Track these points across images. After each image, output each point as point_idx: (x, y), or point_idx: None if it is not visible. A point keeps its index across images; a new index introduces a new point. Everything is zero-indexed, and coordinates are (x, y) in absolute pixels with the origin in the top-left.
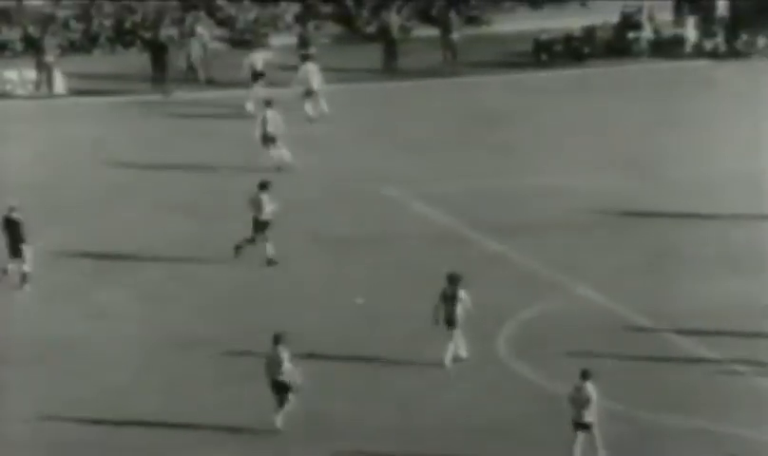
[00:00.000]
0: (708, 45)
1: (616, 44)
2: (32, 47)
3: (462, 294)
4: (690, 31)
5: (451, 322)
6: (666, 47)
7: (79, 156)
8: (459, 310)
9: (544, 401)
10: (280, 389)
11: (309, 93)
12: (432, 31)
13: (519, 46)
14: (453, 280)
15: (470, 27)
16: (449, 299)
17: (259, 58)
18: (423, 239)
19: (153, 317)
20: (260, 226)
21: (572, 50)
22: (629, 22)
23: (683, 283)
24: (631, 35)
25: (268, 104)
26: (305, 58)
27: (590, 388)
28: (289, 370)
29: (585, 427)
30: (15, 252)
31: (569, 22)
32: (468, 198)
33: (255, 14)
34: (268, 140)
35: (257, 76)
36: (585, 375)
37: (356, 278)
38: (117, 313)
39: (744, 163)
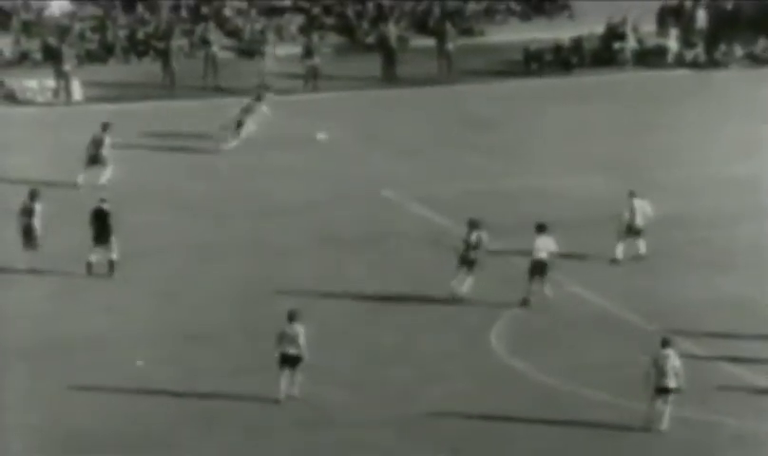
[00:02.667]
0: (689, 55)
1: (602, 54)
2: (51, 57)
3: (483, 236)
4: (672, 42)
5: (469, 263)
6: (650, 57)
7: None
8: (477, 253)
9: (536, 394)
10: (290, 363)
11: None
12: (429, 42)
13: (511, 55)
14: (474, 225)
15: (464, 37)
16: (468, 245)
17: None
18: (419, 239)
19: (162, 312)
20: None
21: (561, 60)
22: (614, 33)
23: (670, 281)
24: (616, 46)
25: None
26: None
27: (673, 355)
28: (303, 346)
29: (666, 391)
30: (102, 241)
31: (558, 33)
32: (463, 199)
33: (261, 25)
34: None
35: None
36: (665, 343)
37: (356, 274)
38: (129, 308)
39: (727, 167)
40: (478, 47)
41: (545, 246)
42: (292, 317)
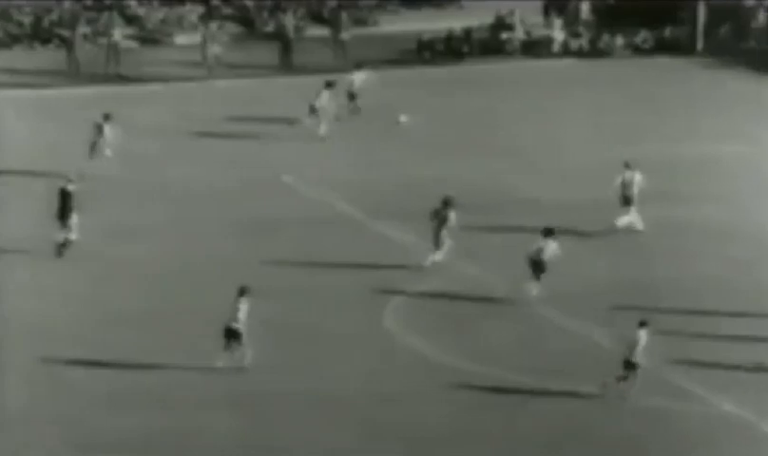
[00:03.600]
0: (574, 45)
1: (491, 43)
2: None
3: (452, 214)
4: (557, 33)
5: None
6: (536, 47)
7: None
8: (446, 228)
9: (430, 371)
10: (231, 336)
11: None
12: (324, 31)
13: (404, 45)
14: (447, 203)
15: (358, 27)
16: (439, 218)
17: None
18: (318, 222)
19: (97, 297)
20: None
21: (452, 49)
22: (503, 24)
23: (560, 262)
24: (504, 36)
25: None
26: None
27: (643, 334)
28: (243, 321)
29: (632, 366)
30: (64, 219)
31: (449, 23)
32: (361, 184)
33: (162, 15)
34: None
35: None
36: (641, 324)
37: (264, 257)
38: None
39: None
40: (372, 37)
41: (547, 248)
42: (241, 293)
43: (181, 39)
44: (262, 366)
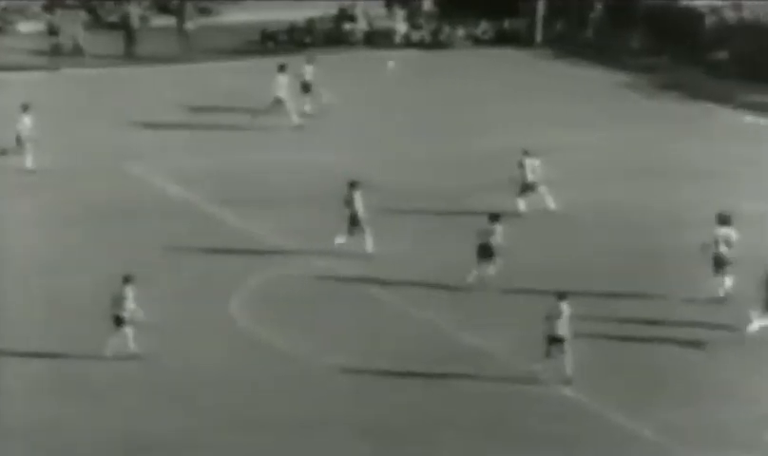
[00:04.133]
0: (416, 36)
1: (334, 34)
2: None
3: (357, 197)
4: (400, 24)
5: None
6: (379, 38)
7: None
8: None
9: (277, 360)
10: (119, 323)
11: None
12: (169, 21)
13: (248, 35)
14: (353, 185)
15: (203, 17)
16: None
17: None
18: (163, 213)
19: None
20: None
21: (295, 40)
22: (345, 15)
23: (412, 249)
24: (347, 26)
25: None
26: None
27: (564, 306)
28: (132, 309)
29: (558, 340)
30: None
31: (293, 14)
32: (208, 173)
33: (4, 3)
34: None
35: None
36: (561, 296)
37: (98, 250)
38: None
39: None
40: (217, 27)
41: (495, 233)
42: (126, 281)
43: (24, 27)
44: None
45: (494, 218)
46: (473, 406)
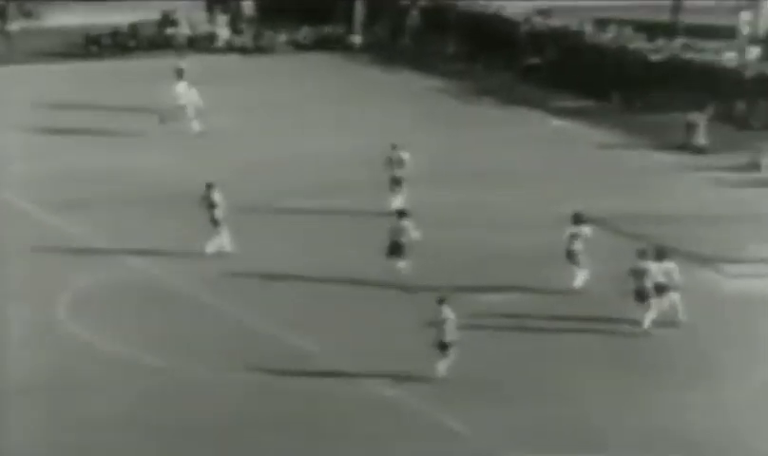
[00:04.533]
0: (237, 41)
1: (157, 38)
2: None
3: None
4: (221, 29)
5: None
6: (201, 43)
7: None
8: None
9: (100, 360)
10: None
11: None
12: None
13: (72, 38)
14: (209, 186)
15: (25, 20)
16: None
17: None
18: None
19: None
20: None
21: (119, 44)
22: (168, 20)
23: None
24: (170, 31)
25: None
26: None
27: (447, 310)
28: None
29: (446, 346)
30: None
31: (117, 18)
32: (34, 177)
33: None
34: None
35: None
36: (441, 301)
37: None
38: None
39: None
40: (40, 30)
41: (406, 228)
42: None
43: None
44: None
45: (402, 214)
46: (292, 405)
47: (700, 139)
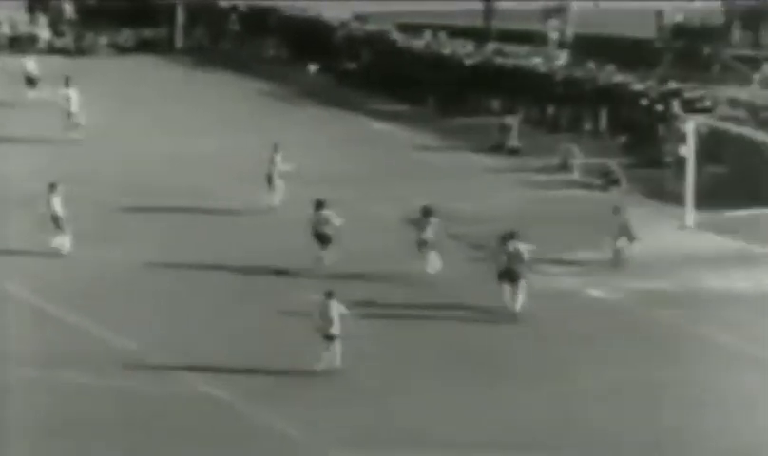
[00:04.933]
0: (59, 43)
1: None
2: None
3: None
4: (42, 30)
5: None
6: (23, 44)
7: None
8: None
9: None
10: None
11: None
12: None
13: None
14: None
15: None
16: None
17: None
18: None
19: None
20: None
21: None
22: None
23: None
24: None
25: None
26: None
27: (334, 304)
28: None
29: (331, 337)
30: None
31: None
32: None
33: None
34: None
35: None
36: (329, 295)
37: None
38: None
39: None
40: None
41: (329, 217)
42: None
43: None
44: None
45: (320, 205)
46: (110, 405)
47: (514, 141)
